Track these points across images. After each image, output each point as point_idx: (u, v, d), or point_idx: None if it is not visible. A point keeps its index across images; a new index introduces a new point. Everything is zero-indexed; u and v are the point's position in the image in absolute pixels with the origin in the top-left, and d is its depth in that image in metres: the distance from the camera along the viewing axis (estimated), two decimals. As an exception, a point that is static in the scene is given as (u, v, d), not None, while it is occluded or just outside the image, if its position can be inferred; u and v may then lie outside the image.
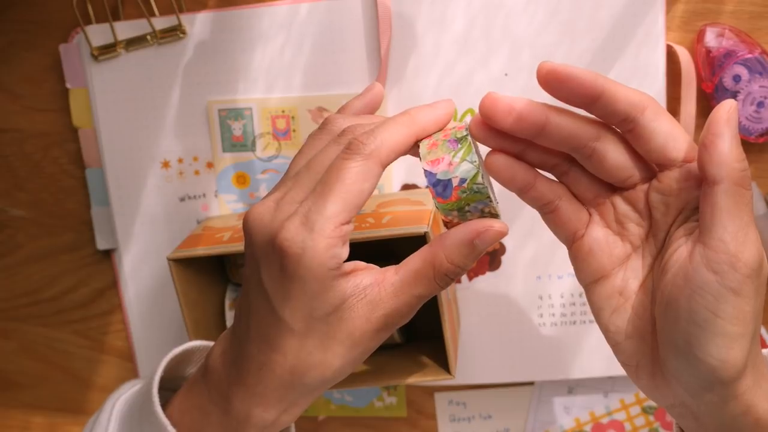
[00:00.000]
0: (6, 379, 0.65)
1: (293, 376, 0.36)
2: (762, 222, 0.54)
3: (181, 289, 0.49)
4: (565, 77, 0.33)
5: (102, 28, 0.55)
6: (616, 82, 0.34)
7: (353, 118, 0.38)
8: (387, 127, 0.35)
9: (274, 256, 0.33)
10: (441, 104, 0.37)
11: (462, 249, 0.35)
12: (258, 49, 0.54)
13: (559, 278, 0.56)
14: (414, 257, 0.36)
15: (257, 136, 0.56)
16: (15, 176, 0.60)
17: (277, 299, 0.34)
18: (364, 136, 0.34)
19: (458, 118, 0.54)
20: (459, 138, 0.35)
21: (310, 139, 0.37)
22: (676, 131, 0.34)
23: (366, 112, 0.40)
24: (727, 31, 0.51)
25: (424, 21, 0.53)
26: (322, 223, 0.33)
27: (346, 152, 0.34)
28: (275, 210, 0.34)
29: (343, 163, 0.33)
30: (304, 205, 0.33)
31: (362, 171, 0.33)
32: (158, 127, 0.56)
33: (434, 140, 0.35)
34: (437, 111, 0.36)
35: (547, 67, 0.34)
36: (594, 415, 0.60)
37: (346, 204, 0.33)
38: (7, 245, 0.62)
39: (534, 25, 0.52)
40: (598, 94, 0.33)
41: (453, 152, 0.35)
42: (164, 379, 0.43)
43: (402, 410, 0.61)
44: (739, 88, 0.51)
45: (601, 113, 0.34)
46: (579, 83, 0.33)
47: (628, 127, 0.34)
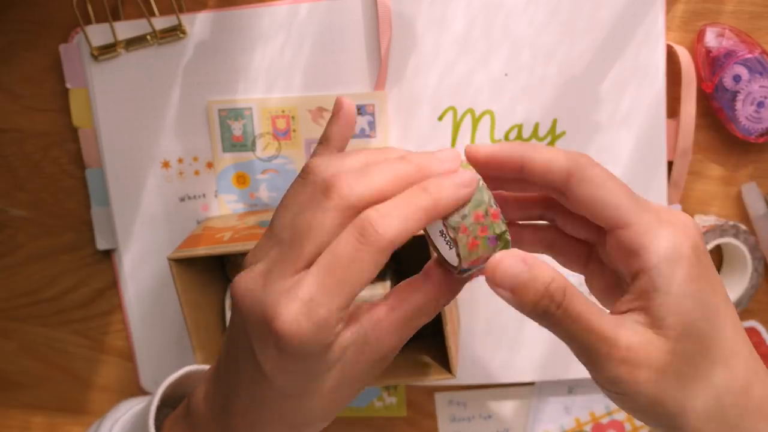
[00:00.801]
0: (6, 379, 0.65)
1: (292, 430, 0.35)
2: (762, 222, 0.54)
3: (182, 289, 0.49)
4: (484, 158, 0.33)
5: (102, 28, 0.55)
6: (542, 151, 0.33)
7: (336, 160, 0.34)
8: (405, 212, 0.31)
9: (270, 336, 0.31)
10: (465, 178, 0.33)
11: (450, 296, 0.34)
12: (258, 49, 0.54)
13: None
14: (413, 293, 0.34)
15: (257, 136, 0.56)
16: (15, 176, 0.60)
17: (272, 370, 0.33)
18: (381, 224, 0.31)
19: (458, 118, 0.54)
20: (498, 235, 0.33)
21: (292, 191, 0.34)
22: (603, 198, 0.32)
23: (343, 136, 0.37)
24: (727, 31, 0.51)
25: (424, 21, 0.53)
26: (327, 317, 0.31)
27: (360, 241, 0.31)
28: (265, 284, 0.32)
29: (356, 254, 0.31)
30: (304, 288, 0.31)
31: (374, 263, 0.31)
32: (158, 127, 0.56)
33: (473, 237, 0.33)
34: (461, 191, 0.32)
35: (467, 152, 0.34)
36: (594, 415, 0.60)
37: (350, 296, 0.31)
38: (7, 245, 0.62)
39: (534, 25, 0.52)
40: (519, 167, 0.33)
41: (493, 249, 0.33)
42: (164, 395, 0.43)
43: (402, 410, 0.61)
44: (739, 88, 0.51)
45: (532, 185, 0.34)
46: (498, 161, 0.33)
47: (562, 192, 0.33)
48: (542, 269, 0.31)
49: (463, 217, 0.32)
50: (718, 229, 0.53)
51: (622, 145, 0.53)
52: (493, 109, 0.54)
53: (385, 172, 0.32)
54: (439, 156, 0.33)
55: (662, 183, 0.54)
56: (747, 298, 0.55)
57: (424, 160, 0.33)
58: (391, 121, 0.55)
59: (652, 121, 0.53)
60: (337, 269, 0.31)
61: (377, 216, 0.31)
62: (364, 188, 0.32)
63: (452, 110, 0.54)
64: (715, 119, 0.53)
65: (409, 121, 0.55)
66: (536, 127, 0.54)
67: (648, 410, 0.32)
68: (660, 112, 0.53)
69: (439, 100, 0.54)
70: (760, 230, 0.54)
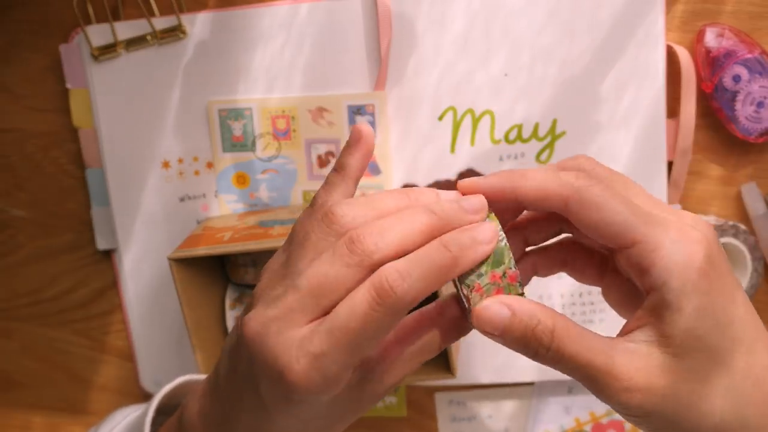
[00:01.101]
0: (7, 379, 0.65)
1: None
2: (762, 222, 0.54)
3: (182, 289, 0.49)
4: (477, 191, 0.33)
5: (102, 28, 0.55)
6: (533, 179, 0.32)
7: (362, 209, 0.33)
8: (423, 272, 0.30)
9: (281, 385, 0.31)
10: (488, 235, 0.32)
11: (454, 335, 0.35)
12: (258, 49, 0.54)
13: (559, 278, 0.56)
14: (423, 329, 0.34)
15: (257, 136, 0.56)
16: (15, 176, 0.60)
17: (277, 412, 0.33)
18: (400, 284, 0.30)
19: (458, 118, 0.54)
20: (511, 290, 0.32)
21: (310, 231, 0.33)
22: (605, 220, 0.31)
23: (361, 167, 0.35)
24: (727, 31, 0.51)
25: (424, 21, 0.53)
26: (337, 373, 0.31)
27: (377, 302, 0.30)
28: (278, 332, 0.31)
29: (371, 313, 0.30)
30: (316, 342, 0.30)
31: (389, 323, 0.30)
32: (158, 127, 0.56)
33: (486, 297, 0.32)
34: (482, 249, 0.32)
35: (460, 187, 0.34)
36: (594, 415, 0.60)
37: (364, 352, 0.31)
38: (7, 245, 0.62)
39: (534, 25, 0.52)
40: (513, 197, 0.32)
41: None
42: (160, 404, 0.43)
43: (402, 410, 0.61)
44: (738, 88, 0.51)
45: (533, 212, 0.34)
46: (492, 196, 0.33)
47: (564, 217, 0.32)
48: (527, 313, 0.31)
49: (479, 276, 0.32)
50: (718, 229, 0.53)
51: (622, 145, 0.53)
52: (493, 109, 0.54)
53: (412, 226, 0.31)
54: (466, 206, 0.33)
55: (662, 183, 0.54)
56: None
57: (451, 212, 0.32)
58: (391, 121, 0.55)
59: (652, 121, 0.53)
60: (351, 327, 0.30)
61: (397, 276, 0.30)
62: (390, 246, 0.31)
63: (452, 110, 0.54)
64: (714, 119, 0.53)
65: (409, 121, 0.55)
66: (536, 127, 0.54)
67: (668, 429, 0.32)
68: (660, 112, 0.53)
69: (439, 100, 0.54)
70: (760, 230, 0.54)
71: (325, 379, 0.31)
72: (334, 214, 0.32)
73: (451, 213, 0.32)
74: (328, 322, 0.31)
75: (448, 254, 0.31)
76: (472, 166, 0.55)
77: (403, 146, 0.55)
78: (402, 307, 0.30)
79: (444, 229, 0.32)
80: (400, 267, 0.30)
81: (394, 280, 0.30)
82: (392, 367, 0.34)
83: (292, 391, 0.31)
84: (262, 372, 0.32)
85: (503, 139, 0.54)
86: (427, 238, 0.31)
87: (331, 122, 0.55)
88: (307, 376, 0.30)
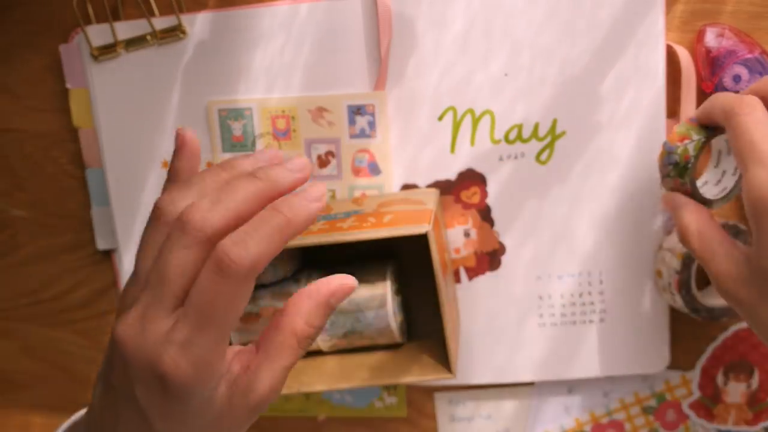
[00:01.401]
0: (6, 379, 0.65)
1: None
2: (762, 222, 0.54)
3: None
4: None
5: (102, 28, 0.55)
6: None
7: (184, 192, 0.35)
8: (259, 236, 0.31)
9: (155, 381, 0.32)
10: (315, 193, 0.34)
11: (320, 310, 0.35)
12: (258, 49, 0.54)
13: (559, 278, 0.56)
14: (272, 330, 0.35)
15: (257, 137, 0.56)
16: (15, 176, 0.60)
17: (155, 416, 0.33)
18: (237, 253, 0.31)
19: (458, 118, 0.54)
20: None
21: (148, 234, 0.35)
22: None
23: (191, 169, 0.38)
24: (727, 31, 0.51)
25: (424, 21, 0.53)
26: (204, 355, 0.32)
27: (220, 275, 0.31)
28: (143, 330, 0.32)
29: (218, 288, 0.31)
30: (178, 332, 0.32)
31: (239, 294, 0.31)
32: (158, 127, 0.56)
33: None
34: (312, 206, 0.33)
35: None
36: (594, 415, 0.60)
37: (223, 330, 0.32)
38: (7, 245, 0.62)
39: (534, 25, 0.52)
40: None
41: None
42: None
43: (402, 410, 0.61)
44: (739, 88, 0.51)
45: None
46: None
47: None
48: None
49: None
50: (718, 229, 0.53)
51: (622, 145, 0.53)
52: (493, 109, 0.54)
53: (238, 194, 0.33)
54: (289, 166, 0.34)
55: (662, 183, 0.54)
56: (747, 298, 0.55)
57: (274, 173, 0.34)
58: (391, 121, 0.55)
59: (652, 121, 0.53)
60: (205, 307, 0.31)
61: (231, 245, 0.31)
62: (220, 217, 0.32)
63: (452, 110, 0.54)
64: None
65: (409, 121, 0.55)
66: (536, 127, 0.54)
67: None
68: (660, 112, 0.53)
69: (439, 100, 0.54)
70: (760, 230, 0.54)
71: (193, 365, 0.31)
72: (159, 207, 0.34)
73: (275, 175, 0.34)
74: (184, 308, 0.32)
75: (281, 216, 0.32)
76: (472, 166, 0.55)
77: (403, 146, 0.55)
78: (245, 274, 0.31)
79: (273, 191, 0.33)
80: (235, 237, 0.31)
81: (230, 250, 0.31)
82: (257, 377, 0.34)
83: (167, 384, 0.31)
84: (137, 372, 0.32)
85: (503, 139, 0.54)
86: (259, 204, 0.33)
87: (331, 122, 0.55)
88: (177, 365, 0.31)
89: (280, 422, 0.63)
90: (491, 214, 0.55)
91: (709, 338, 0.57)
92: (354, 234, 0.46)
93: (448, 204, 0.56)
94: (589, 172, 0.54)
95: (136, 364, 0.32)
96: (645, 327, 0.56)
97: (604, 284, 0.55)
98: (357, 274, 0.53)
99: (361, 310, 0.52)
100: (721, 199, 0.47)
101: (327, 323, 0.52)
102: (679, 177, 0.45)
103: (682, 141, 0.46)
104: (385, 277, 0.52)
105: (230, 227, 0.32)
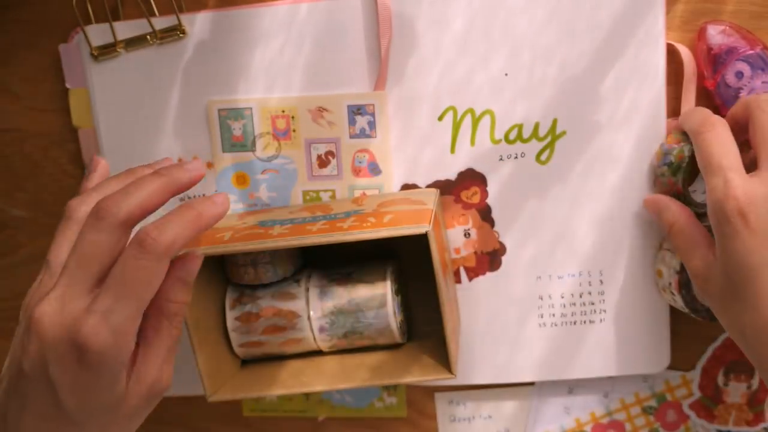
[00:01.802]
0: (6, 379, 0.65)
1: None
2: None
3: (181, 289, 0.49)
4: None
5: (102, 28, 0.55)
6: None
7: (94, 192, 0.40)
8: (176, 223, 0.37)
9: (72, 351, 0.35)
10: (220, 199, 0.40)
11: (176, 285, 0.39)
12: (258, 49, 0.54)
13: (559, 278, 0.56)
14: (145, 319, 0.38)
15: (257, 136, 0.56)
16: (15, 176, 0.60)
17: (65, 390, 0.36)
18: (156, 233, 0.36)
19: (458, 118, 0.54)
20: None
21: (59, 233, 0.40)
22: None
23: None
24: (728, 28, 0.51)
25: (424, 21, 0.53)
26: (122, 323, 0.35)
27: (140, 251, 0.35)
28: (62, 309, 0.35)
29: (138, 263, 0.35)
30: (99, 302, 0.35)
31: (156, 271, 0.35)
32: (158, 127, 0.56)
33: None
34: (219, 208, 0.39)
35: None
36: (594, 416, 0.60)
37: (141, 303, 0.35)
38: (7, 245, 0.62)
39: (534, 25, 0.52)
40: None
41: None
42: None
43: (402, 410, 0.61)
44: (742, 84, 0.51)
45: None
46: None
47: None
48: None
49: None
50: (719, 229, 0.53)
51: (622, 145, 0.53)
52: (493, 109, 0.54)
53: (145, 186, 0.37)
54: (186, 167, 0.40)
55: (662, 183, 0.54)
56: (747, 298, 0.55)
57: (174, 170, 0.39)
58: (391, 121, 0.55)
59: (652, 121, 0.53)
60: (126, 280, 0.35)
61: (152, 228, 0.36)
62: (132, 203, 0.36)
63: (452, 110, 0.54)
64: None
65: (409, 121, 0.55)
66: (536, 127, 0.54)
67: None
68: (660, 111, 0.53)
69: (439, 100, 0.54)
70: (761, 230, 0.54)
71: (112, 332, 0.34)
72: (70, 207, 0.40)
73: (175, 172, 0.39)
74: (106, 283, 0.35)
75: (194, 210, 0.38)
76: (472, 166, 0.55)
77: (403, 146, 0.55)
78: (162, 251, 0.35)
79: (174, 185, 0.39)
80: (155, 222, 0.36)
81: (151, 231, 0.36)
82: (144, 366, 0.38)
83: (83, 349, 0.34)
84: (52, 348, 0.35)
85: (503, 139, 0.54)
86: (163, 196, 0.38)
87: (331, 122, 0.55)
88: (94, 330, 0.34)
89: (280, 422, 0.63)
90: (491, 214, 0.55)
91: (709, 338, 0.57)
92: (354, 234, 0.46)
93: (448, 204, 0.56)
94: (589, 172, 0.54)
95: (52, 340, 0.35)
96: (645, 327, 0.56)
97: (604, 284, 0.55)
98: (357, 274, 0.53)
99: (361, 310, 0.52)
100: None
101: (327, 323, 0.52)
102: (672, 176, 0.47)
103: (678, 143, 0.49)
104: (385, 277, 0.52)
105: (140, 215, 0.37)
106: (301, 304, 0.52)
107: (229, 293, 0.54)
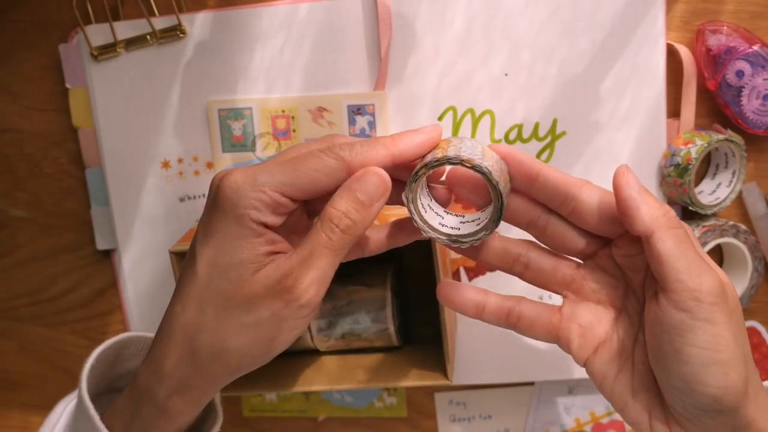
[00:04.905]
0: (6, 379, 0.65)
1: (185, 335, 0.36)
2: (762, 222, 0.54)
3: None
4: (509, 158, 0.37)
5: (102, 28, 0.55)
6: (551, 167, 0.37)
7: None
8: (367, 143, 0.36)
9: (211, 193, 0.35)
10: (426, 128, 0.38)
11: (344, 193, 0.36)
12: (258, 49, 0.54)
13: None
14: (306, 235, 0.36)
15: (257, 136, 0.56)
16: (15, 176, 0.60)
17: (199, 235, 0.36)
18: (345, 144, 0.36)
19: (458, 118, 0.54)
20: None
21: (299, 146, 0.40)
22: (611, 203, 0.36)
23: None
24: (725, 28, 0.51)
25: (424, 21, 0.53)
26: (262, 178, 0.34)
27: (323, 148, 0.35)
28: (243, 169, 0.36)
29: (315, 152, 0.35)
30: (262, 164, 0.35)
31: (328, 166, 0.35)
32: (158, 127, 0.56)
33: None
34: (420, 136, 0.37)
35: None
36: (594, 415, 0.60)
37: (295, 179, 0.34)
38: (7, 245, 0.62)
39: (534, 25, 0.52)
40: (536, 175, 0.37)
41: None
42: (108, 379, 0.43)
43: (402, 410, 0.61)
44: (743, 83, 0.51)
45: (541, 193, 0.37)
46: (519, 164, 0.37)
47: (570, 206, 0.37)
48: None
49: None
50: (718, 229, 0.53)
51: (622, 145, 0.53)
52: (493, 109, 0.54)
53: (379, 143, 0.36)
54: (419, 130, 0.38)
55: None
56: (747, 298, 0.55)
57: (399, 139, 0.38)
58: (391, 121, 0.55)
59: (652, 121, 0.53)
60: (292, 158, 0.35)
61: (344, 139, 0.37)
62: (356, 146, 0.36)
63: (452, 110, 0.54)
64: (723, 117, 0.53)
65: (409, 121, 0.55)
66: (536, 127, 0.54)
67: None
68: (660, 112, 0.53)
69: (439, 100, 0.54)
70: (760, 230, 0.54)
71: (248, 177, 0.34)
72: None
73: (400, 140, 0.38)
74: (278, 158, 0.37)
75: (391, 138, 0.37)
76: (472, 166, 0.55)
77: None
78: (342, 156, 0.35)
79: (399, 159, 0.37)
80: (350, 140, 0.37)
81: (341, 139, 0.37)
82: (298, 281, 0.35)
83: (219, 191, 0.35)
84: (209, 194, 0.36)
85: (503, 139, 0.54)
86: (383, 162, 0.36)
87: (331, 122, 0.55)
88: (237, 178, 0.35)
89: (280, 422, 0.63)
90: (491, 214, 0.55)
91: (709, 338, 0.57)
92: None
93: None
94: (589, 172, 0.54)
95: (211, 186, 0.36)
96: (645, 327, 0.56)
97: (604, 284, 0.55)
98: (357, 277, 0.53)
99: (360, 312, 0.52)
100: (713, 206, 0.52)
101: (325, 324, 0.52)
102: (678, 177, 0.47)
103: (686, 145, 0.49)
104: (385, 281, 0.52)
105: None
106: (301, 304, 0.52)
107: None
